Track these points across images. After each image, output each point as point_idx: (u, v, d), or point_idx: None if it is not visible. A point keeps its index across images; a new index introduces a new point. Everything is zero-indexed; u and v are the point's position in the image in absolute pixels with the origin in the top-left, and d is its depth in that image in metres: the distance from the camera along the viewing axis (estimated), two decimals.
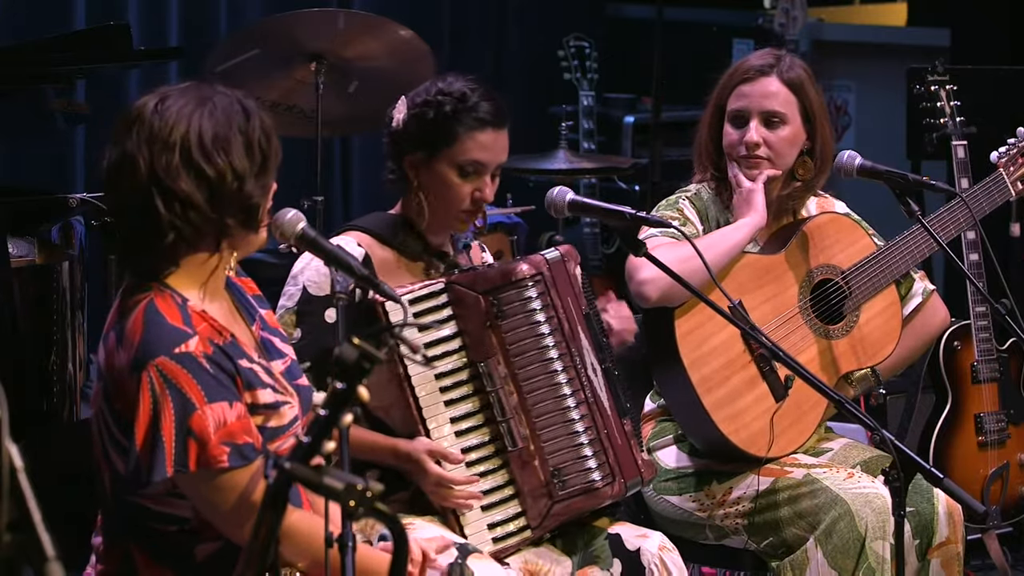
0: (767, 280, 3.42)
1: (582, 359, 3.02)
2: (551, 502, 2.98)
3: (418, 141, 3.02)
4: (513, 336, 2.98)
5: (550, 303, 3.00)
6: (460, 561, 2.82)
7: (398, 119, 3.05)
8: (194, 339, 2.46)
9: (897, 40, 7.25)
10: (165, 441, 2.42)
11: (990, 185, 3.66)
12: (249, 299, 2.70)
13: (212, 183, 2.48)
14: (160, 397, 2.43)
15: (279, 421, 2.56)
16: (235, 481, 2.46)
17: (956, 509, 3.30)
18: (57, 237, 3.89)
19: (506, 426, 2.98)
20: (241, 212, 2.51)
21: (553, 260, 3.04)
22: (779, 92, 3.42)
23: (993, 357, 4.11)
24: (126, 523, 2.56)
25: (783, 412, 3.34)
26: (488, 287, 2.98)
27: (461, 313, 2.98)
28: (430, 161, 3.02)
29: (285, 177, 2.65)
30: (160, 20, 5.84)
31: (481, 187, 3.02)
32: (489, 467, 3.00)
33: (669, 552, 3.05)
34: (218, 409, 2.44)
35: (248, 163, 2.50)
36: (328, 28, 4.37)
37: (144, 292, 2.51)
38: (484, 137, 3.01)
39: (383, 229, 3.07)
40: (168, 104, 2.51)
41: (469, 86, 3.05)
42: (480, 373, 2.98)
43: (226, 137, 2.50)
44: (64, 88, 4.34)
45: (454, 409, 2.99)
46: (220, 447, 2.44)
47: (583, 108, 6.29)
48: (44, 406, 3.59)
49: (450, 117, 3.00)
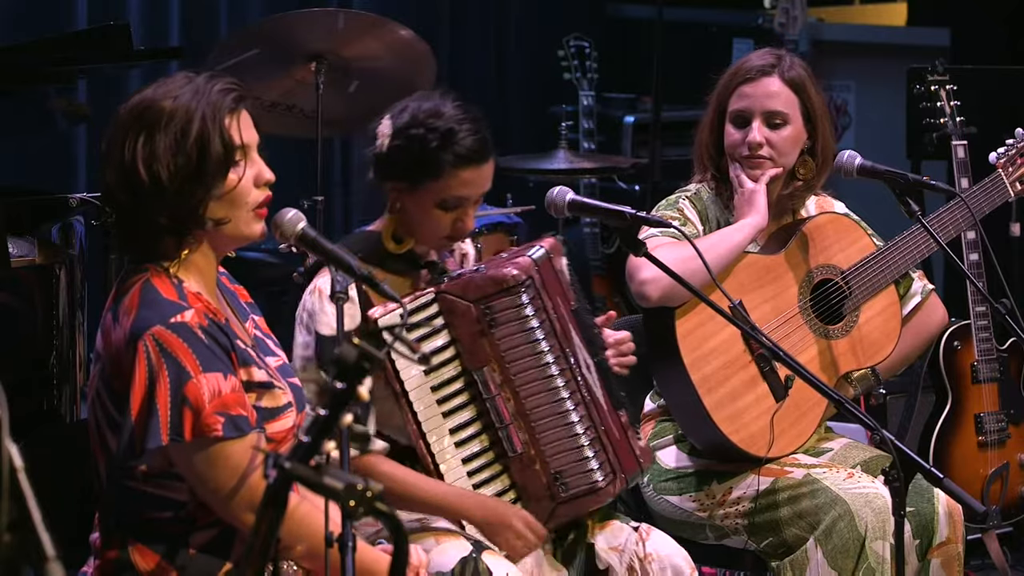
0: (767, 280, 3.42)
1: (576, 358, 3.02)
2: (554, 504, 2.98)
3: (401, 172, 2.97)
4: (507, 343, 2.96)
5: (541, 306, 2.98)
6: (475, 555, 2.83)
7: (381, 142, 3.00)
8: (190, 311, 2.48)
9: (897, 40, 7.25)
10: (160, 409, 2.43)
11: (989, 186, 3.66)
12: (242, 304, 2.72)
13: (132, 182, 2.49)
14: (156, 366, 2.44)
15: (273, 402, 2.56)
16: (228, 452, 2.46)
17: (956, 509, 3.30)
18: (57, 237, 3.89)
19: (505, 432, 2.97)
20: (168, 217, 2.51)
21: (540, 260, 3.01)
22: (781, 92, 3.42)
23: (993, 357, 4.11)
24: (122, 515, 2.56)
25: (783, 412, 3.34)
26: (479, 295, 2.96)
27: (453, 322, 2.96)
28: (412, 191, 2.97)
29: (285, 177, 2.65)
30: (160, 20, 5.84)
31: (463, 217, 2.99)
32: (491, 474, 2.99)
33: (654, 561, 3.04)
34: (212, 379, 2.45)
35: (173, 167, 2.49)
36: (328, 28, 4.37)
37: (140, 273, 2.54)
38: (467, 175, 2.95)
39: (366, 250, 3.01)
40: (143, 93, 2.54)
41: (457, 117, 2.95)
42: (476, 381, 2.97)
43: (152, 137, 2.49)
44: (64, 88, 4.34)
45: (452, 419, 2.97)
46: (214, 416, 2.44)
47: (583, 108, 6.28)
48: (44, 406, 3.59)
49: (433, 154, 2.93)
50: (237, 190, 2.53)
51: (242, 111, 2.57)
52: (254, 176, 2.56)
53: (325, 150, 4.60)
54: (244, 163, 2.54)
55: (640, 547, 3.04)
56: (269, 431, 2.55)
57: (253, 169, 2.56)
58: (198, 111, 2.50)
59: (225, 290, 2.69)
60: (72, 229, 3.91)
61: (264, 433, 2.53)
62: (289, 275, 4.47)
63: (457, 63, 6.81)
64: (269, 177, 2.58)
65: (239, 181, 2.53)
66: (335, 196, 6.42)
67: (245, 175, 2.54)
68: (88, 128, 5.42)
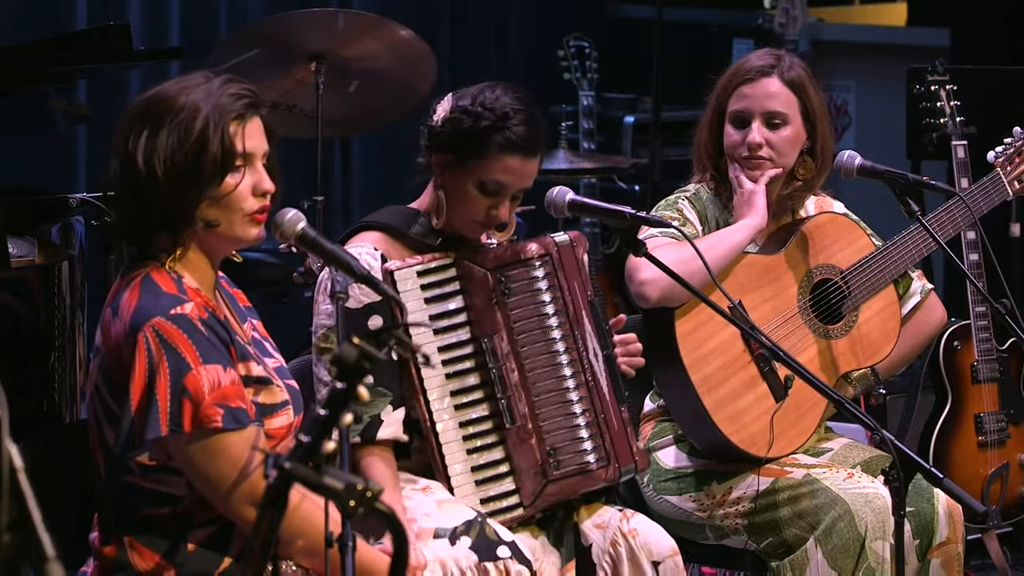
0: (766, 280, 3.42)
1: (584, 343, 3.05)
2: (545, 481, 3.01)
3: (449, 145, 3.00)
4: (518, 314, 3.02)
5: (556, 284, 3.04)
6: (480, 519, 2.86)
7: (438, 115, 3.03)
8: (190, 304, 2.49)
9: (897, 40, 7.25)
10: (160, 400, 2.44)
11: (987, 185, 3.66)
12: (240, 307, 2.73)
13: (130, 173, 2.51)
14: (156, 357, 2.45)
15: (270, 398, 2.57)
16: (227, 444, 2.47)
17: (956, 509, 3.31)
18: (57, 237, 3.89)
19: (506, 402, 3.01)
20: (160, 211, 2.52)
21: (562, 243, 3.08)
22: (780, 92, 3.42)
23: (993, 357, 4.11)
24: (120, 512, 2.57)
25: (783, 412, 3.34)
26: (496, 264, 3.02)
27: (468, 288, 3.01)
28: (456, 167, 3.00)
29: (285, 177, 2.65)
30: (160, 20, 5.84)
31: (498, 205, 3.01)
32: (486, 442, 3.02)
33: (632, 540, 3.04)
34: (212, 370, 2.46)
35: (169, 163, 2.49)
36: (328, 28, 4.37)
37: (140, 268, 2.55)
38: (512, 162, 2.98)
39: (399, 223, 3.07)
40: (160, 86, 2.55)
41: (515, 106, 2.99)
42: (483, 349, 3.00)
43: (156, 131, 2.50)
44: (64, 88, 4.34)
45: (455, 382, 3.00)
46: (214, 407, 2.45)
47: (583, 108, 6.28)
48: (44, 406, 3.59)
49: (484, 133, 2.97)
50: (232, 195, 2.54)
51: (254, 119, 2.57)
52: (252, 184, 2.56)
53: (325, 150, 4.60)
54: (244, 169, 2.55)
55: (624, 523, 3.05)
56: (266, 427, 2.55)
57: (253, 177, 2.56)
58: (204, 111, 2.50)
59: (224, 292, 2.70)
60: (72, 229, 3.91)
61: (263, 428, 2.54)
62: (289, 275, 4.50)
63: (457, 63, 6.80)
64: (269, 187, 2.58)
65: (235, 187, 2.53)
66: (335, 196, 6.42)
67: (243, 182, 2.54)
68: (88, 128, 5.42)
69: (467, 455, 3.00)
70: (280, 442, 2.59)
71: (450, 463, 2.99)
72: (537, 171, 3.05)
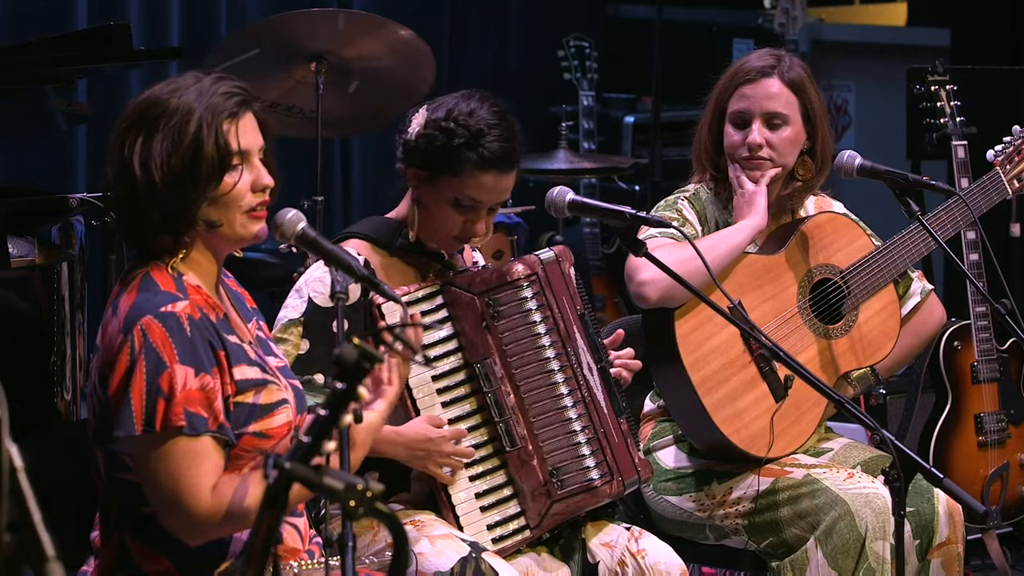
0: (766, 280, 3.42)
1: (578, 358, 3.03)
2: (550, 501, 2.99)
3: (423, 161, 2.98)
4: (509, 336, 2.99)
5: (545, 303, 3.01)
6: (474, 555, 2.83)
7: (412, 129, 3.00)
8: (183, 302, 2.49)
9: (897, 40, 7.25)
10: (134, 399, 2.43)
11: (987, 184, 3.66)
12: (247, 307, 2.73)
13: (128, 177, 2.50)
14: (137, 356, 2.45)
15: (267, 398, 2.56)
16: (178, 447, 2.45)
17: (956, 509, 3.31)
18: (57, 237, 3.89)
19: (504, 426, 2.99)
20: (160, 215, 2.51)
21: (547, 260, 3.06)
22: (781, 93, 3.41)
23: (993, 357, 4.11)
24: (120, 511, 2.56)
25: (783, 412, 3.34)
26: (483, 288, 2.99)
27: (457, 314, 2.99)
28: (430, 183, 2.98)
29: (285, 177, 2.65)
30: (160, 20, 5.84)
31: (474, 220, 2.99)
32: (488, 467, 3.00)
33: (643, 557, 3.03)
34: (183, 372, 2.44)
35: (166, 168, 2.49)
36: (328, 28, 4.37)
37: (141, 268, 2.55)
38: (487, 179, 2.96)
39: (380, 233, 3.06)
40: (152, 89, 2.54)
41: (489, 120, 2.95)
42: (477, 374, 2.98)
43: (151, 135, 2.50)
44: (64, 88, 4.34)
45: (451, 410, 2.99)
46: (180, 408, 2.44)
47: (583, 108, 6.29)
48: (44, 406, 3.59)
49: (458, 150, 2.93)
50: (231, 194, 2.53)
51: (246, 115, 2.56)
52: (251, 181, 2.55)
53: (325, 150, 4.60)
54: (241, 167, 2.54)
55: (633, 543, 3.04)
56: (263, 427, 2.55)
57: (251, 174, 2.55)
58: (197, 113, 2.50)
59: (230, 291, 2.70)
60: (72, 229, 3.91)
61: (227, 441, 2.51)
62: (289, 275, 4.50)
63: (457, 63, 6.81)
64: (268, 182, 2.57)
65: (234, 186, 2.53)
66: (335, 196, 6.42)
67: (241, 180, 2.54)
68: (88, 128, 5.42)
69: (469, 482, 2.98)
70: (280, 441, 2.58)
71: (453, 491, 2.97)
72: (514, 184, 3.02)
